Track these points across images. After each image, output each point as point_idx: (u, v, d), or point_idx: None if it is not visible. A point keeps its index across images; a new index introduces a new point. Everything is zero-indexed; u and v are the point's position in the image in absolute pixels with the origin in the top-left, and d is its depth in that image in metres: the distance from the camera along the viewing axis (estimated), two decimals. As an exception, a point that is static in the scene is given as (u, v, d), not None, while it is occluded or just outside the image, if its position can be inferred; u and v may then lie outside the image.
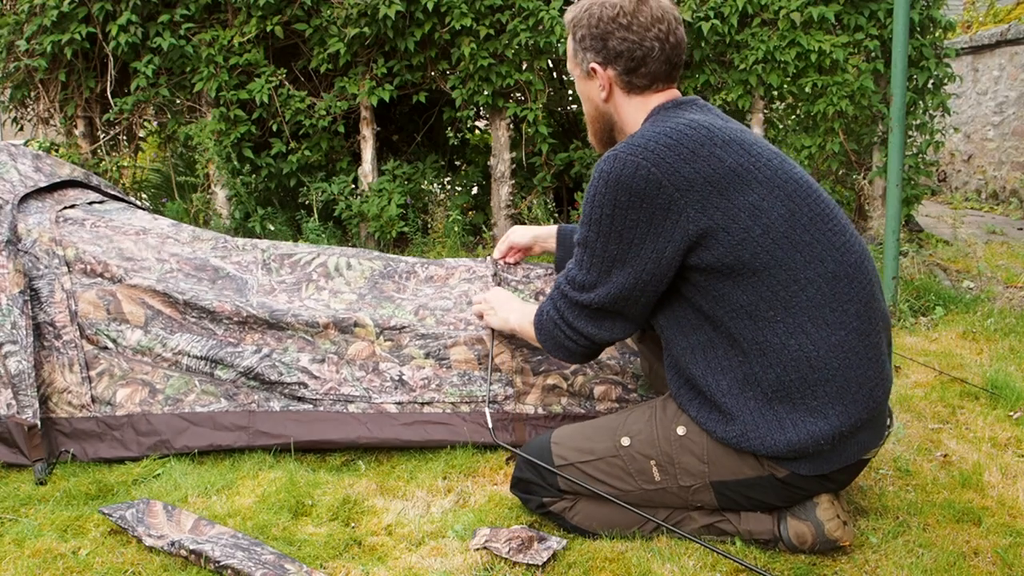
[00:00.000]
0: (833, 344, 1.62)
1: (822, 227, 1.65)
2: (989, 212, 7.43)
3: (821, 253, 1.63)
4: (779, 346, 1.61)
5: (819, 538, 1.75)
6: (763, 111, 5.13)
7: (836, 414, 1.64)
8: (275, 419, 2.32)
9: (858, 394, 1.65)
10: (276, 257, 2.56)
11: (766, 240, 1.60)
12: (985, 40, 7.71)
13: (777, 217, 1.61)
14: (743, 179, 1.61)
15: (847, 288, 1.64)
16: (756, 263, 1.59)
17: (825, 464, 1.69)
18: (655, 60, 1.73)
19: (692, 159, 1.59)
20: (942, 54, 4.83)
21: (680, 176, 1.57)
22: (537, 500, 1.89)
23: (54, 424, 2.31)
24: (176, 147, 5.85)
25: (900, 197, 3.56)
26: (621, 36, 1.72)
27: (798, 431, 1.64)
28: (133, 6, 4.84)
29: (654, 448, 1.78)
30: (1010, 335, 3.40)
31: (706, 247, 1.60)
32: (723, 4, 4.75)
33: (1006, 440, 2.39)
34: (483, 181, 5.86)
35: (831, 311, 1.62)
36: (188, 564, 1.76)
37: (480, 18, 4.88)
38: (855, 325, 1.64)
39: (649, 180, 1.57)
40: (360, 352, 2.40)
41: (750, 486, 1.74)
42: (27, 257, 2.45)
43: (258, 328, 2.39)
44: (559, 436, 1.89)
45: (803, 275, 1.61)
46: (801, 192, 1.66)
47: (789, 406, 1.65)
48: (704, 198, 1.58)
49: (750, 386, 1.66)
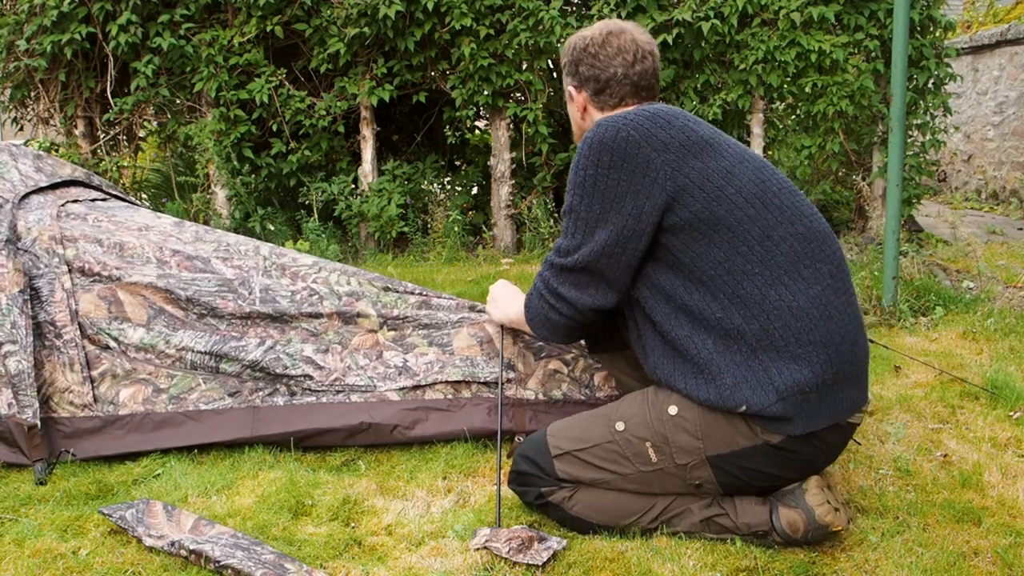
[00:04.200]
0: (811, 296, 1.72)
1: (791, 197, 1.79)
2: (989, 212, 7.43)
3: (792, 216, 1.76)
4: (759, 297, 1.71)
5: (811, 524, 1.77)
6: (763, 111, 5.13)
7: (820, 362, 1.70)
8: (279, 413, 2.32)
9: (841, 345, 1.73)
10: (277, 266, 2.56)
11: (739, 199, 1.73)
12: (985, 40, 7.71)
13: (748, 182, 1.76)
14: (715, 148, 1.77)
15: (819, 249, 1.76)
16: (731, 219, 1.72)
17: (815, 419, 1.72)
18: (619, 83, 1.94)
19: (667, 127, 1.76)
20: (942, 54, 4.83)
21: (657, 139, 1.74)
22: (535, 491, 1.90)
23: (55, 424, 2.31)
24: (176, 147, 5.85)
25: (900, 197, 3.56)
26: (589, 63, 1.96)
27: (783, 378, 1.69)
28: (133, 6, 4.83)
29: (648, 429, 1.81)
30: (1010, 335, 3.40)
31: (683, 204, 1.72)
32: (723, 4, 4.75)
33: (1006, 440, 2.39)
34: (483, 181, 5.86)
35: (805, 267, 1.73)
36: (188, 564, 1.76)
37: (480, 18, 4.88)
38: (830, 282, 1.75)
39: (629, 141, 1.73)
40: (364, 342, 2.42)
41: (745, 456, 1.76)
42: (27, 256, 2.45)
43: (261, 322, 2.40)
44: (554, 428, 1.93)
45: (776, 232, 1.74)
46: (768, 170, 1.82)
47: (774, 354, 1.71)
48: (679, 159, 1.73)
49: (734, 340, 1.73)
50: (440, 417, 2.34)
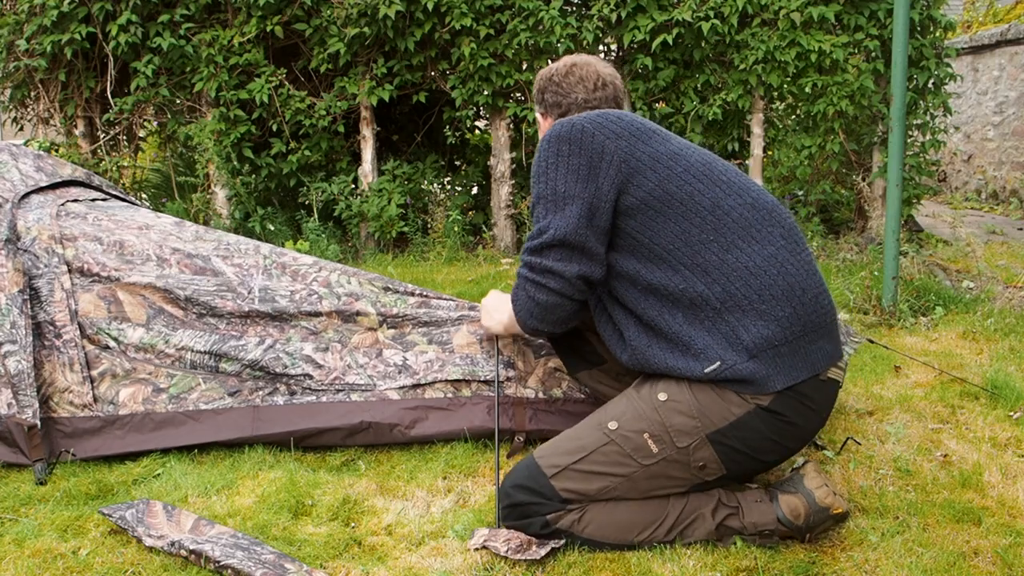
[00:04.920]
0: (767, 256, 1.82)
1: (736, 176, 1.93)
2: (989, 212, 7.43)
3: (739, 189, 1.89)
4: (717, 262, 1.81)
5: (812, 508, 1.80)
6: (763, 111, 5.13)
7: (785, 315, 1.79)
8: (279, 413, 2.32)
9: (803, 297, 1.81)
10: (278, 265, 2.57)
11: (688, 176, 1.87)
12: (985, 40, 7.71)
13: (696, 161, 1.90)
14: (662, 136, 1.93)
15: (768, 216, 1.87)
16: (682, 194, 1.85)
17: (792, 371, 1.77)
18: (579, 107, 2.13)
19: (618, 121, 1.92)
20: (942, 54, 4.83)
21: (608, 130, 1.89)
22: (540, 520, 1.81)
23: (55, 424, 2.31)
24: (176, 147, 5.85)
25: (900, 197, 3.56)
26: (553, 91, 2.17)
27: (751, 334, 1.77)
28: (133, 6, 4.84)
29: (643, 420, 1.82)
30: (1010, 335, 3.40)
31: (636, 184, 1.85)
32: (723, 4, 4.75)
33: (1006, 440, 2.39)
34: (483, 181, 5.86)
35: (757, 231, 1.85)
36: (188, 564, 1.76)
37: (480, 18, 4.88)
38: (783, 244, 1.85)
39: (584, 131, 1.88)
40: (364, 340, 2.42)
41: (743, 427, 1.77)
42: (27, 256, 2.45)
43: (260, 320, 2.40)
44: (541, 451, 1.88)
45: (726, 203, 1.86)
46: (712, 155, 1.96)
47: (739, 314, 1.79)
48: (630, 144, 1.88)
49: (700, 308, 1.81)
50: (440, 416, 2.34)
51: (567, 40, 4.83)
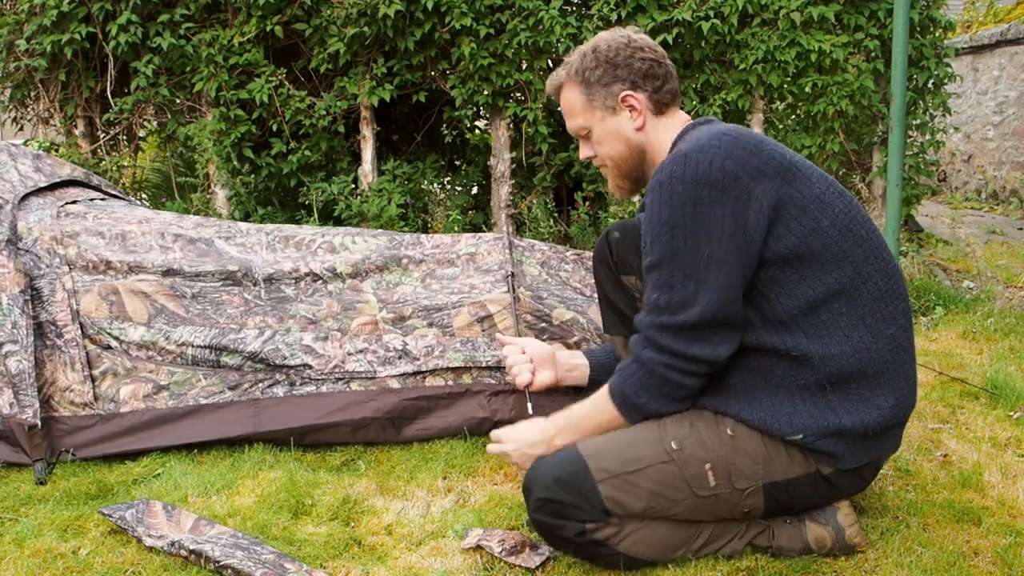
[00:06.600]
0: (888, 337, 1.65)
1: (871, 226, 1.70)
2: (989, 212, 7.43)
3: (876, 249, 1.67)
4: (841, 339, 1.62)
5: (839, 543, 1.75)
6: (763, 111, 5.13)
7: (888, 407, 1.66)
8: (280, 405, 2.33)
9: (905, 388, 1.70)
10: (280, 239, 2.59)
11: (833, 231, 1.62)
12: (985, 40, 7.71)
13: (839, 211, 1.64)
14: (804, 173, 1.64)
15: (897, 285, 1.69)
16: (826, 254, 1.61)
17: (867, 455, 1.70)
18: (671, 76, 1.81)
19: (757, 152, 1.61)
20: (942, 54, 4.83)
21: (751, 167, 1.58)
22: (577, 527, 1.64)
23: (56, 423, 2.31)
24: (176, 147, 5.85)
25: (900, 197, 3.56)
26: (641, 57, 1.79)
27: (849, 419, 1.64)
28: (133, 6, 4.84)
29: (708, 451, 1.66)
30: (1010, 335, 3.40)
31: (778, 236, 1.59)
32: (723, 4, 4.75)
33: (1006, 440, 2.39)
34: (483, 181, 5.86)
35: (886, 305, 1.66)
36: (188, 564, 1.76)
37: (480, 18, 4.88)
38: (902, 322, 1.68)
39: (725, 171, 1.56)
40: (363, 326, 2.42)
41: (797, 484, 1.70)
42: (28, 256, 2.45)
43: (259, 311, 2.41)
44: (590, 448, 1.68)
45: (865, 269, 1.64)
46: (849, 195, 1.71)
47: (843, 396, 1.64)
48: (776, 187, 1.59)
49: (804, 376, 1.64)
50: (441, 406, 2.34)
51: (567, 40, 4.83)
